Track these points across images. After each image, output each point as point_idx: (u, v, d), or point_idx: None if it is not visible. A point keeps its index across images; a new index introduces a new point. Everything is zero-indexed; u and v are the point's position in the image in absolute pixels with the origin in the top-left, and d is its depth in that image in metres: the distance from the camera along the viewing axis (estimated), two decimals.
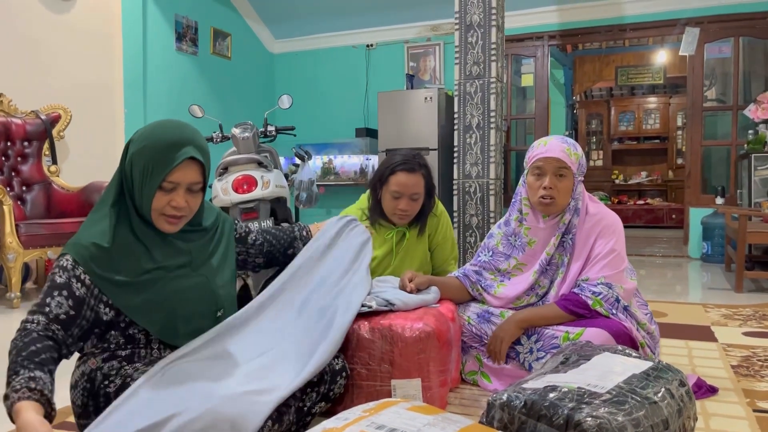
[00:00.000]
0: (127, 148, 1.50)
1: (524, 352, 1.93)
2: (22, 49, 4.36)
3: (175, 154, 1.44)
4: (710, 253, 5.37)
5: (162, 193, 1.45)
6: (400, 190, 2.30)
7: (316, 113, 6.88)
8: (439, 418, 1.21)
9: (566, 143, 1.96)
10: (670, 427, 1.24)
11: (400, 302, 1.84)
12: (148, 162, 1.44)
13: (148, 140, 1.46)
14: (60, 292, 1.37)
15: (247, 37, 6.75)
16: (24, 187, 4.22)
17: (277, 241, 1.86)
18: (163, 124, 1.51)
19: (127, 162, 1.48)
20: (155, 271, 1.47)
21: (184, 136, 1.48)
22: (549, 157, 1.93)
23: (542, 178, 1.94)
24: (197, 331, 1.52)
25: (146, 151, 1.45)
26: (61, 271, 1.39)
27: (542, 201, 1.95)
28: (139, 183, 1.45)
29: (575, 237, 1.98)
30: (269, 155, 3.77)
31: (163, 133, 1.47)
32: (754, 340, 2.64)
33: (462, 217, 4.19)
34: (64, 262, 1.40)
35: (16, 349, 1.28)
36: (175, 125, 1.51)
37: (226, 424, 1.26)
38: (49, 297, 1.37)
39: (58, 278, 1.39)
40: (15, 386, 1.21)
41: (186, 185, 1.47)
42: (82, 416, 1.44)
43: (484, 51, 4.14)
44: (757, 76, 5.95)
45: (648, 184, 10.18)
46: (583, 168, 1.99)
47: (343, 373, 1.64)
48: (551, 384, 1.31)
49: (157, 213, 1.47)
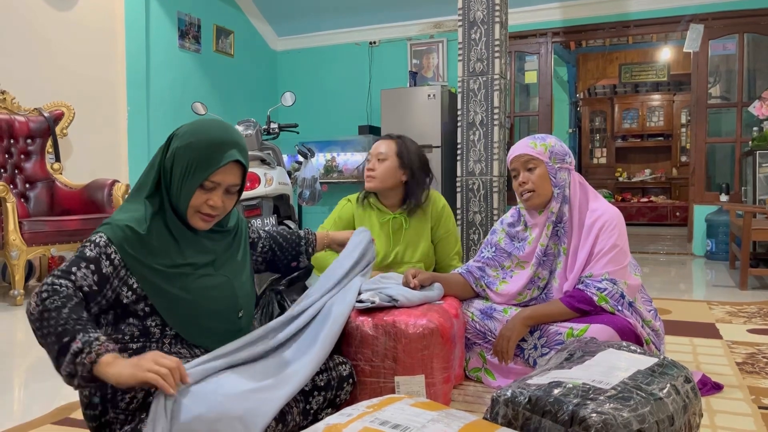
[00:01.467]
0: (169, 142, 1.50)
1: (528, 348, 1.92)
2: (26, 46, 4.36)
3: (221, 155, 1.46)
4: (714, 250, 5.36)
5: (201, 192, 1.47)
6: (371, 152, 2.48)
7: (319, 111, 6.87)
8: (443, 414, 1.21)
9: (532, 138, 2.03)
10: (675, 423, 1.23)
11: (403, 298, 1.84)
12: (193, 160, 1.45)
13: (195, 138, 1.47)
14: (87, 265, 1.35)
15: (250, 34, 6.74)
16: (27, 184, 4.22)
17: (282, 253, 1.87)
18: (210, 124, 1.52)
19: (169, 156, 1.48)
20: (183, 267, 1.48)
21: (231, 138, 1.49)
22: (515, 156, 2.02)
23: (518, 177, 2.03)
24: (217, 331, 1.52)
25: (192, 148, 1.46)
26: (92, 245, 1.38)
27: (523, 198, 2.01)
28: (180, 179, 1.46)
29: (568, 225, 1.98)
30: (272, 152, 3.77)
31: (210, 133, 1.48)
32: (758, 338, 2.63)
33: (465, 214, 4.18)
34: (97, 239, 1.39)
35: (57, 309, 1.24)
36: (222, 126, 1.52)
37: (235, 421, 1.25)
38: (76, 267, 1.34)
39: (88, 252, 1.37)
40: (89, 340, 1.20)
41: (225, 186, 1.49)
42: (89, 407, 1.44)
43: (487, 48, 4.12)
44: (761, 73, 5.92)
45: (652, 182, 10.16)
46: (560, 155, 1.99)
47: (350, 380, 1.63)
48: (556, 380, 1.30)
49: (193, 210, 1.49)
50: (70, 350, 1.20)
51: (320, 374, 1.55)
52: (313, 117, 6.75)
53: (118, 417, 1.37)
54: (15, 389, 2.14)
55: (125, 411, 1.37)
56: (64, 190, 4.25)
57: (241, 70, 6.56)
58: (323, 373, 1.56)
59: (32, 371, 2.35)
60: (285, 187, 3.59)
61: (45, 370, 2.31)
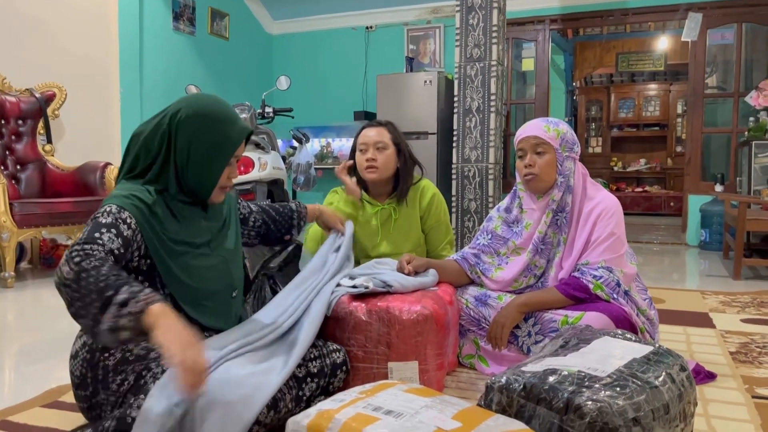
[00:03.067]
0: (177, 125, 1.47)
1: (522, 335, 1.91)
2: (17, 26, 4.30)
3: (238, 131, 1.52)
4: (708, 240, 5.37)
5: (226, 168, 1.52)
6: (366, 142, 2.39)
7: (314, 95, 6.82)
8: (437, 400, 1.20)
9: (545, 121, 1.98)
10: (670, 411, 1.23)
11: (397, 284, 1.82)
12: (217, 140, 1.48)
13: (209, 119, 1.48)
14: (108, 229, 1.32)
15: (245, 17, 6.68)
16: (18, 166, 4.18)
17: (276, 227, 1.92)
18: (211, 102, 1.53)
19: (182, 141, 1.47)
20: (183, 245, 1.48)
21: (234, 112, 1.55)
22: (527, 136, 1.96)
23: (524, 158, 1.98)
24: (212, 310, 1.54)
25: (210, 129, 1.48)
26: (105, 214, 1.35)
27: (526, 179, 1.97)
28: (203, 161, 1.48)
29: (570, 215, 1.96)
30: (267, 137, 3.74)
31: (220, 110, 1.52)
32: (752, 327, 2.64)
33: (460, 202, 4.17)
34: (107, 208, 1.37)
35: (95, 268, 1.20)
36: (220, 101, 1.55)
37: (222, 407, 1.24)
38: (98, 232, 1.30)
39: (103, 219, 1.34)
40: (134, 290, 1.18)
41: (238, 157, 1.56)
42: (80, 387, 1.43)
43: (485, 33, 4.09)
44: (759, 63, 5.91)
45: (647, 172, 10.16)
46: (570, 143, 1.97)
47: (343, 367, 1.63)
48: (551, 367, 1.29)
49: (218, 187, 1.53)
50: (113, 302, 1.16)
51: (313, 361, 1.54)
52: (308, 102, 6.70)
53: (109, 399, 1.37)
54: (5, 371, 2.12)
55: (116, 393, 1.36)
56: (56, 172, 4.21)
57: (236, 53, 6.50)
58: (316, 360, 1.55)
59: (23, 354, 2.33)
60: (279, 171, 3.57)
61: (36, 352, 2.29)
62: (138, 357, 1.39)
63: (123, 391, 1.35)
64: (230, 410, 1.25)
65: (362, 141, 2.39)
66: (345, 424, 1.10)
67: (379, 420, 1.10)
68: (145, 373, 1.35)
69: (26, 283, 3.75)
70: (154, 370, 1.35)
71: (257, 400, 1.29)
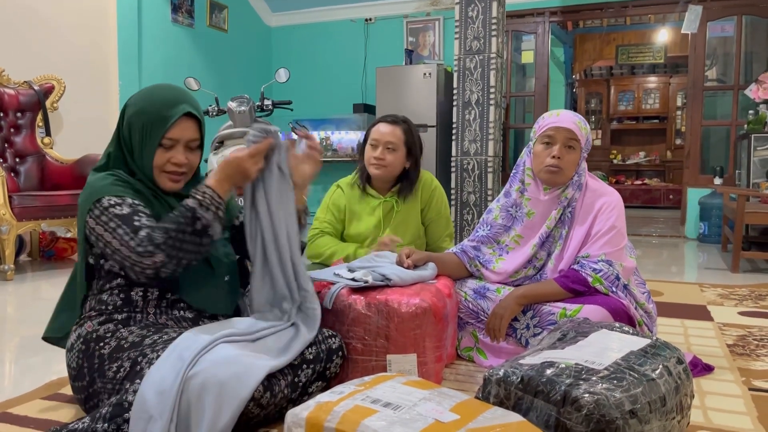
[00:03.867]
0: (123, 112, 1.56)
1: (521, 328, 1.92)
2: (16, 18, 4.28)
3: (172, 111, 1.51)
4: (707, 233, 5.37)
5: (162, 151, 1.52)
6: (378, 138, 2.39)
7: (313, 88, 6.81)
8: (435, 392, 1.21)
9: (578, 117, 1.96)
10: (667, 404, 1.23)
11: (396, 278, 1.83)
12: (147, 121, 1.50)
13: (145, 101, 1.53)
14: (137, 213, 1.42)
15: (244, 9, 6.65)
16: (17, 158, 4.18)
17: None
18: (156, 87, 1.59)
19: (125, 125, 1.54)
20: None
21: (179, 95, 1.56)
22: (561, 127, 1.92)
23: (551, 147, 1.93)
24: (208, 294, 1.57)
25: (144, 111, 1.51)
26: (115, 206, 1.43)
27: (549, 170, 1.92)
28: (139, 143, 1.51)
29: (574, 210, 1.97)
30: None
31: (158, 94, 1.55)
32: (749, 320, 2.64)
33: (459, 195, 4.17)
34: (108, 201, 1.43)
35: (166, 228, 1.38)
36: (168, 86, 1.59)
37: (216, 387, 1.25)
38: (134, 222, 1.40)
39: (119, 211, 1.42)
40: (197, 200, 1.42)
41: (185, 142, 1.54)
42: (77, 378, 1.45)
43: (484, 26, 4.08)
44: (758, 56, 5.89)
45: (646, 164, 10.16)
46: (589, 145, 1.99)
47: (339, 353, 1.64)
48: (548, 360, 1.30)
49: (159, 170, 1.53)
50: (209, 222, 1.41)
51: (309, 347, 1.55)
52: (307, 94, 6.69)
53: (106, 387, 1.38)
54: (5, 364, 2.13)
55: (113, 380, 1.37)
56: (55, 165, 4.21)
57: (235, 45, 6.48)
58: (312, 347, 1.56)
59: (22, 347, 2.34)
60: None
61: (36, 345, 2.29)
62: (133, 344, 1.40)
63: (119, 378, 1.37)
64: (225, 388, 1.26)
65: (375, 137, 2.39)
66: (344, 416, 1.10)
67: (377, 412, 1.11)
68: (140, 360, 1.36)
69: (26, 276, 3.75)
70: (149, 356, 1.36)
71: (251, 377, 1.30)
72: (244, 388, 1.27)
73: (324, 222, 2.49)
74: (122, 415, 1.23)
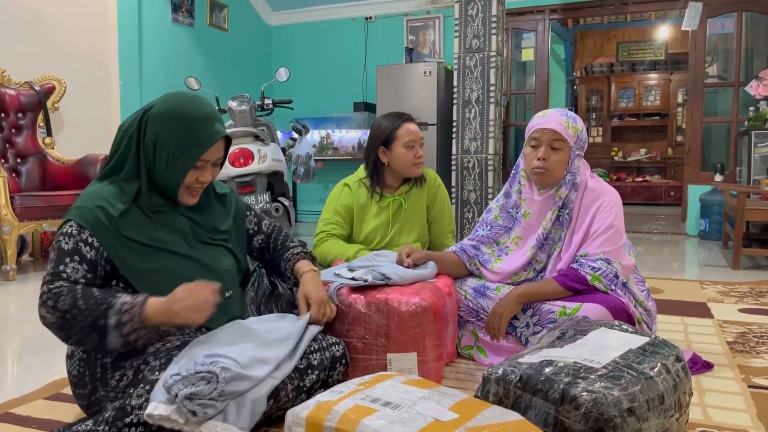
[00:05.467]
0: (145, 123, 1.47)
1: (521, 326, 1.93)
2: (17, 19, 4.29)
3: (209, 134, 1.47)
4: (708, 230, 5.37)
5: (193, 171, 1.48)
6: (414, 138, 2.42)
7: (313, 87, 6.81)
8: (434, 391, 1.21)
9: (565, 116, 1.95)
10: (665, 401, 1.24)
11: (396, 276, 1.83)
12: (181, 142, 1.45)
13: (177, 118, 1.45)
14: (71, 258, 1.36)
15: (244, 8, 6.65)
16: (18, 159, 4.18)
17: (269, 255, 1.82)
18: (185, 100, 1.49)
19: (149, 138, 1.46)
20: (157, 245, 1.48)
21: (211, 113, 1.50)
22: (545, 128, 1.92)
23: (538, 149, 1.94)
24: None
25: (177, 130, 1.45)
26: (66, 237, 1.38)
27: (535, 171, 1.95)
28: (168, 161, 1.46)
29: (572, 211, 1.97)
30: (266, 129, 3.75)
31: (190, 111, 1.47)
32: (749, 317, 2.65)
33: (460, 193, 4.18)
34: (67, 229, 1.39)
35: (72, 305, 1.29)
36: (198, 101, 1.51)
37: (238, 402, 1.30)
38: (62, 264, 1.35)
39: (64, 245, 1.37)
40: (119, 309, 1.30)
41: (213, 161, 1.52)
42: (78, 386, 1.45)
43: (484, 24, 4.08)
44: (759, 53, 5.88)
45: (647, 161, 10.15)
46: (583, 142, 1.97)
47: (342, 360, 1.63)
48: (547, 359, 1.31)
49: (185, 188, 1.50)
50: (109, 328, 1.29)
51: (314, 353, 1.55)
52: (307, 93, 6.69)
53: (108, 395, 1.38)
54: (8, 364, 2.14)
55: (115, 389, 1.37)
56: (56, 165, 4.22)
57: (235, 44, 6.48)
58: (316, 353, 1.56)
59: (25, 346, 2.35)
60: (279, 163, 3.57)
61: (38, 344, 2.31)
62: (135, 352, 1.40)
63: (122, 387, 1.36)
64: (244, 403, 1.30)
65: (411, 138, 2.41)
66: (343, 416, 1.11)
67: (377, 411, 1.11)
68: (143, 368, 1.36)
69: (28, 276, 3.76)
70: (152, 364, 1.36)
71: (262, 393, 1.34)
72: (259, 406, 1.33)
73: (330, 224, 2.46)
74: (125, 420, 1.24)
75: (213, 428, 1.23)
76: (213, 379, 1.26)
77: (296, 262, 1.76)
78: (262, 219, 1.81)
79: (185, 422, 1.22)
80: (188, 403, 1.22)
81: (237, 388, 1.29)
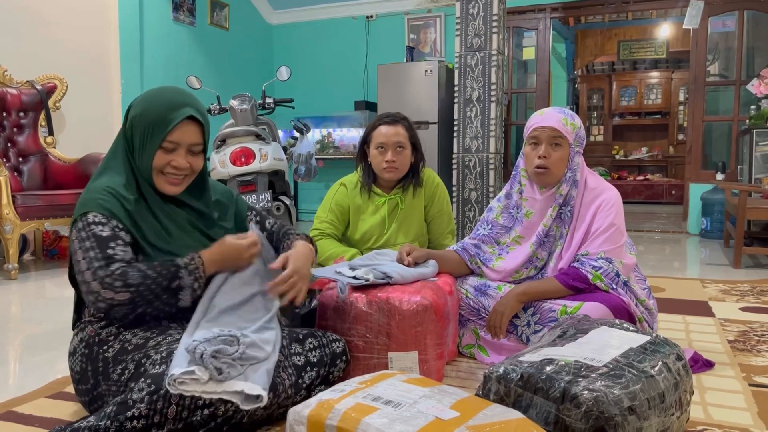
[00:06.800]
0: (128, 113, 1.56)
1: (522, 325, 1.93)
2: (18, 18, 4.29)
3: (174, 114, 1.50)
4: (709, 229, 5.37)
5: (163, 153, 1.52)
6: (384, 141, 2.37)
7: (314, 86, 6.82)
8: (435, 390, 1.21)
9: (563, 113, 1.95)
10: (666, 400, 1.24)
11: (397, 275, 1.84)
12: (149, 123, 1.50)
13: (148, 102, 1.53)
14: (115, 242, 1.42)
15: (245, 7, 6.65)
16: (20, 158, 4.19)
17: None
18: (161, 89, 1.58)
19: (128, 126, 1.54)
20: (162, 233, 1.53)
21: (183, 98, 1.55)
22: (544, 126, 1.93)
23: (538, 147, 1.94)
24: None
25: (147, 112, 1.51)
26: (99, 226, 1.42)
27: (537, 171, 1.94)
28: (140, 144, 1.52)
29: (573, 209, 1.97)
30: (267, 128, 3.75)
31: (162, 96, 1.54)
32: (751, 316, 2.65)
33: (461, 192, 4.18)
34: (93, 218, 1.43)
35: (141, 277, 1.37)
36: (174, 89, 1.58)
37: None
38: (109, 248, 1.40)
39: (100, 232, 1.42)
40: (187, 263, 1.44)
41: (186, 146, 1.53)
42: (81, 381, 1.46)
43: (485, 23, 4.08)
44: (760, 51, 5.88)
45: (648, 160, 10.15)
46: (582, 139, 1.97)
47: (343, 357, 1.64)
48: (548, 357, 1.31)
49: (157, 172, 1.53)
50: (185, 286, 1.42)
51: (313, 350, 1.56)
52: (308, 92, 6.70)
53: (110, 389, 1.39)
54: (10, 363, 2.14)
55: (117, 383, 1.38)
56: (58, 164, 4.23)
57: (237, 43, 6.49)
58: (316, 350, 1.57)
59: (27, 345, 2.36)
60: (280, 162, 3.57)
61: (40, 343, 2.31)
62: (137, 346, 1.41)
63: (124, 380, 1.37)
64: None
65: (381, 140, 2.36)
66: (345, 414, 1.11)
67: (378, 410, 1.12)
68: (144, 361, 1.36)
69: (29, 275, 3.77)
70: (153, 357, 1.36)
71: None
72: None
73: (325, 222, 2.47)
74: (126, 414, 1.24)
75: (236, 387, 1.27)
76: (234, 341, 1.32)
77: (295, 240, 1.72)
78: (266, 218, 1.82)
79: (209, 379, 1.25)
80: (214, 360, 1.26)
81: (255, 353, 1.34)
